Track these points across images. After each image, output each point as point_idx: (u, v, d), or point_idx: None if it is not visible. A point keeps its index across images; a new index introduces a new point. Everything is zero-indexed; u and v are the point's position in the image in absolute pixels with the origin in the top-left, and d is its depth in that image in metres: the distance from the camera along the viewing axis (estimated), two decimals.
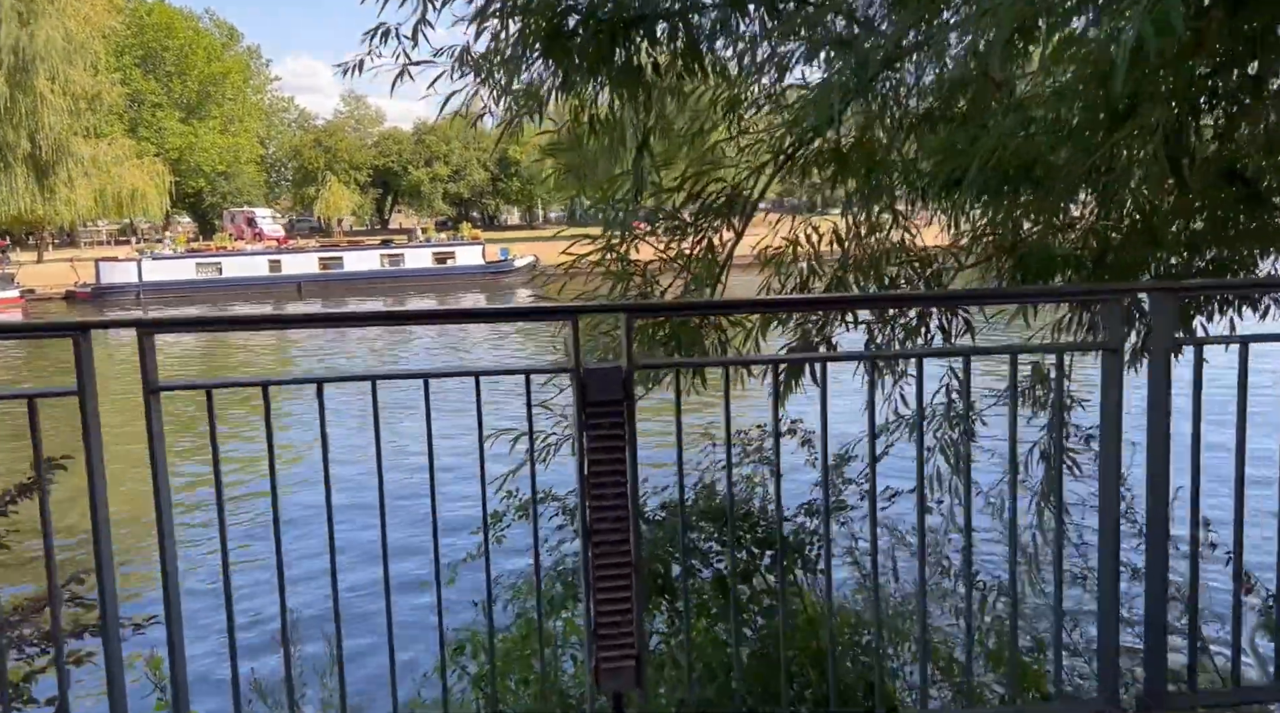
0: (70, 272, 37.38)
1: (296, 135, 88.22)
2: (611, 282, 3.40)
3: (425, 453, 2.28)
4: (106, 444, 2.06)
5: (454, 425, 6.14)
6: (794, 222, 3.60)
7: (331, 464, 2.31)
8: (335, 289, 35.78)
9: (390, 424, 2.61)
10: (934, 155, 3.39)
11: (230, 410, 14.74)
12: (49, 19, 38.72)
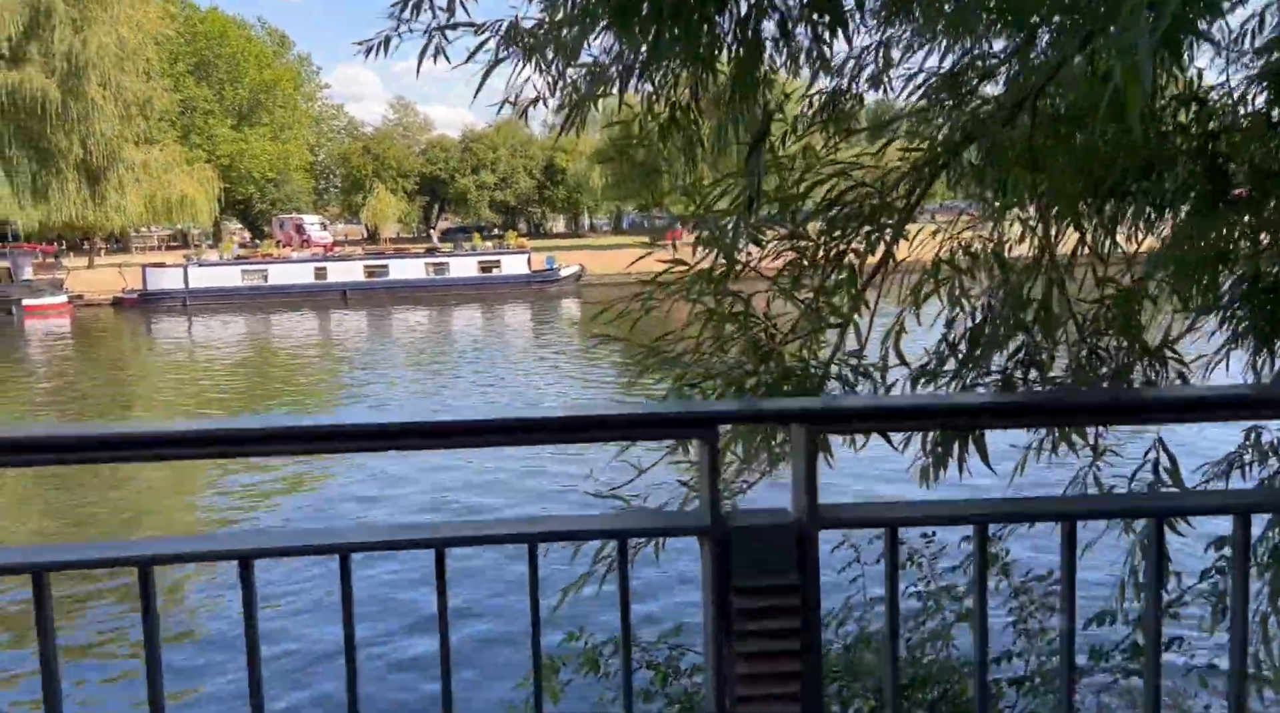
0: (119, 278, 37.40)
1: (345, 143, 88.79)
2: (711, 321, 2.49)
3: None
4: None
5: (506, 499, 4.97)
6: (945, 234, 2.69)
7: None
8: (380, 297, 35.37)
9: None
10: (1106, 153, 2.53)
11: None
12: (102, 25, 38.89)
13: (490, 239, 55.65)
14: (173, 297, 34.62)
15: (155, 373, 20.88)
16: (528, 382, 17.28)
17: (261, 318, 30.68)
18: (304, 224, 64.54)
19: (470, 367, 19.41)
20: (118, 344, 26.57)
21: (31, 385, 19.72)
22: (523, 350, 22.09)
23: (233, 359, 22.12)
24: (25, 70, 37.52)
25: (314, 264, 37.69)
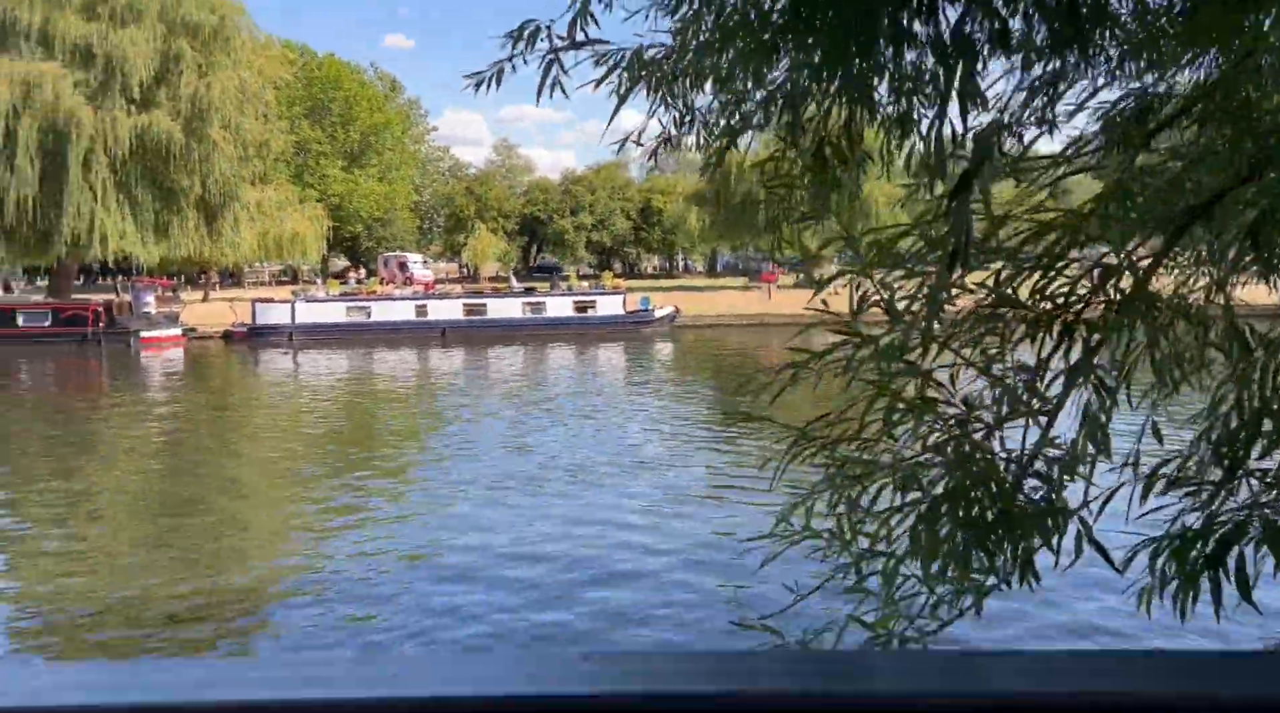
0: (230, 312, 38.79)
1: (449, 183, 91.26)
2: (879, 400, 2.05)
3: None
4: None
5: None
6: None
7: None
8: (478, 336, 35.75)
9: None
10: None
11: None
12: (225, 71, 40.81)
13: (586, 279, 56.03)
14: (280, 331, 35.66)
15: (260, 406, 21.32)
16: (620, 424, 16.97)
17: (364, 354, 31.28)
18: (407, 262, 66.24)
19: (562, 407, 19.22)
20: (226, 376, 27.37)
21: (145, 415, 20.32)
22: (615, 392, 21.83)
23: (334, 394, 22.46)
24: (154, 113, 39.54)
25: (415, 302, 38.42)
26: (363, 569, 8.81)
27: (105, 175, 38.97)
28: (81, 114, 37.72)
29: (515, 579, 8.29)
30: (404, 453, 14.59)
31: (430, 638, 7.14)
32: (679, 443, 15.06)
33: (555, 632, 7.06)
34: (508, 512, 10.77)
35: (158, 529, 10.68)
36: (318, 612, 7.80)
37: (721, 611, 7.12)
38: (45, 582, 8.92)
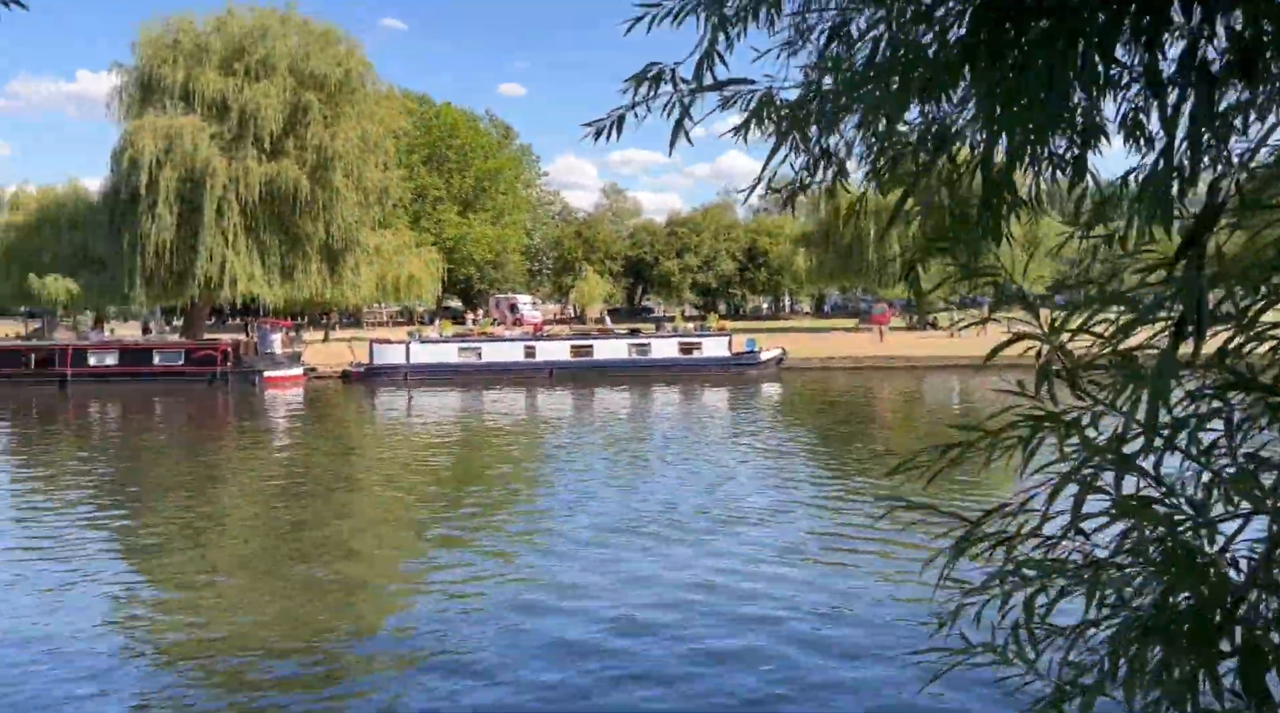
0: (349, 352, 40.08)
1: (559, 227, 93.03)
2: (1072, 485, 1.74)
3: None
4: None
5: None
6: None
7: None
8: (586, 377, 35.96)
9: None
10: None
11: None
12: (350, 121, 42.63)
13: (691, 320, 55.96)
14: (395, 371, 36.64)
15: (373, 446, 21.77)
16: (724, 469, 16.61)
17: (474, 394, 31.80)
18: (517, 303, 67.55)
19: (667, 450, 18.98)
20: (343, 416, 28.14)
21: (267, 452, 20.99)
22: (720, 436, 21.47)
23: (445, 435, 22.79)
24: (282, 162, 41.55)
25: (524, 343, 38.99)
26: (465, 628, 8.69)
27: (236, 221, 41.06)
28: (216, 164, 39.93)
29: (617, 651, 7.98)
30: (510, 499, 14.57)
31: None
32: (792, 496, 14.63)
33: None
34: (612, 570, 10.55)
35: (271, 569, 10.86)
36: (412, 671, 7.69)
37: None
38: (163, 615, 9.13)
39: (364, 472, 17.79)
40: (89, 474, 17.65)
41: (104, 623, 8.89)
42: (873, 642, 7.90)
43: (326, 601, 9.59)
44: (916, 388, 31.86)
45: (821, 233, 56.39)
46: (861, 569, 10.16)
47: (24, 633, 8.56)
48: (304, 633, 8.56)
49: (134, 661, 7.99)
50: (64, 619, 8.96)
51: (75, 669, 7.66)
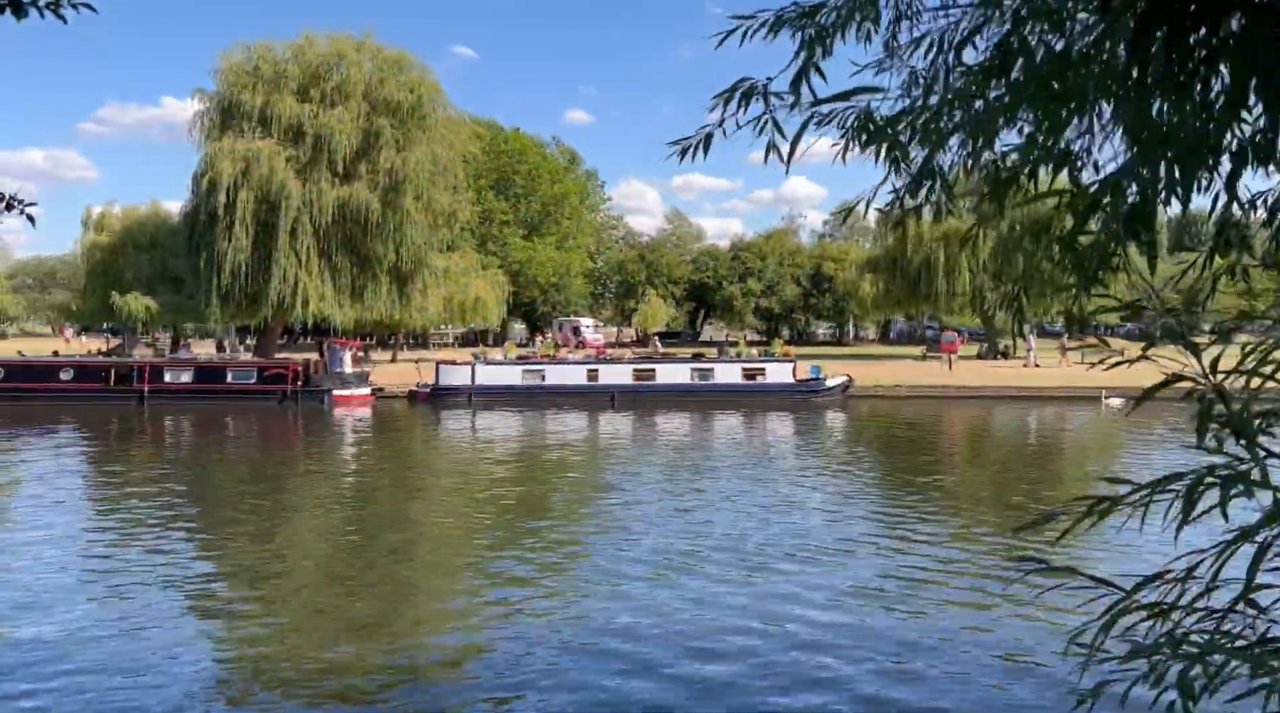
0: (415, 372, 40.54)
1: (622, 251, 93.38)
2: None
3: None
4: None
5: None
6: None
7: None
8: (647, 401, 35.79)
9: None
10: None
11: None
12: (421, 146, 43.36)
13: (755, 346, 55.49)
14: (459, 392, 36.93)
15: (438, 467, 21.87)
16: (787, 500, 16.26)
17: (537, 415, 31.85)
18: (580, 326, 67.83)
19: (728, 479, 18.69)
20: (409, 436, 28.38)
21: (334, 472, 21.22)
22: (785, 466, 21.09)
23: (508, 457, 22.80)
24: (354, 186, 42.41)
25: (587, 366, 38.97)
26: (519, 654, 8.53)
27: (309, 243, 41.96)
28: (292, 186, 40.90)
29: (680, 680, 7.76)
30: (568, 530, 14.38)
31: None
32: (862, 531, 14.24)
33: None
34: (671, 600, 10.32)
35: (331, 588, 10.86)
36: (468, 697, 7.55)
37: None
38: (220, 631, 9.15)
39: (426, 496, 17.84)
40: (161, 491, 18.00)
41: (169, 638, 8.95)
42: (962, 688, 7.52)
43: (382, 623, 9.53)
44: (988, 419, 31.04)
45: (889, 259, 55.57)
46: (943, 617, 9.76)
47: (93, 646, 8.65)
48: (359, 653, 8.51)
49: (197, 677, 8.01)
50: (128, 633, 9.05)
51: (138, 683, 7.69)
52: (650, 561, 11.73)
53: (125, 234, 48.34)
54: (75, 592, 10.48)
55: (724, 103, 3.11)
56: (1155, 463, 20.19)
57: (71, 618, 9.50)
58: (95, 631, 9.13)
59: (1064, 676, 7.12)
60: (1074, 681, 6.83)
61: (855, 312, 76.91)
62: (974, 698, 7.38)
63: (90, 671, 8.02)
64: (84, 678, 7.85)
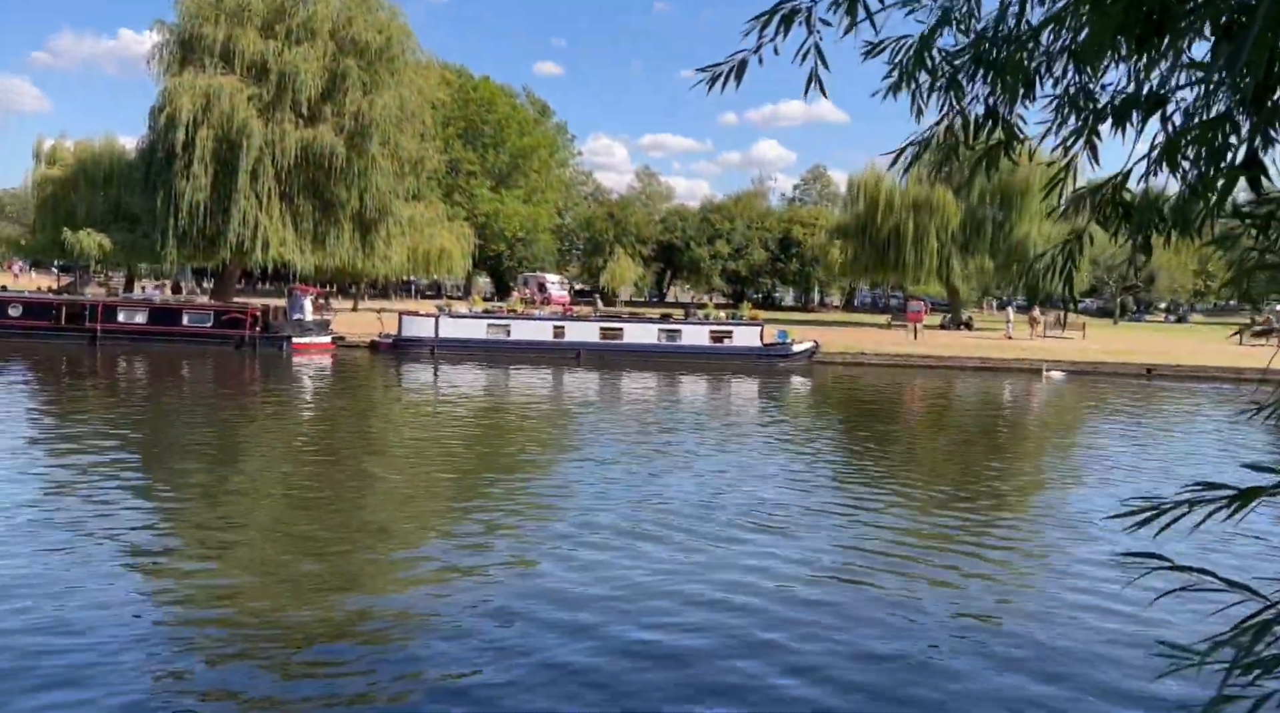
0: (377, 322, 39.83)
1: (591, 208, 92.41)
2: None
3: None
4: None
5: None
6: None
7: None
8: (613, 360, 35.50)
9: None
10: None
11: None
12: (388, 90, 42.21)
13: (724, 309, 55.30)
14: (423, 344, 36.34)
15: (399, 419, 21.43)
16: (751, 462, 16.11)
17: (501, 371, 31.42)
18: (546, 282, 67.15)
19: (693, 439, 18.50)
20: (370, 386, 27.84)
21: (292, 420, 20.70)
22: (750, 427, 20.96)
23: (470, 412, 22.42)
24: (319, 128, 41.25)
25: (553, 323, 38.53)
26: (473, 617, 8.26)
27: (271, 185, 40.83)
28: (254, 126, 39.66)
29: (611, 680, 7.54)
30: (525, 488, 14.01)
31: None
32: (839, 500, 14.13)
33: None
34: (632, 565, 10.11)
35: (285, 544, 10.50)
36: (423, 653, 7.29)
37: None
38: (168, 587, 8.78)
39: (385, 448, 17.44)
40: (113, 433, 17.41)
41: (120, 582, 8.56)
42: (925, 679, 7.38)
43: (336, 568, 9.22)
44: (951, 388, 31.17)
45: (859, 226, 55.47)
46: (909, 589, 9.64)
47: (42, 588, 8.24)
48: (312, 598, 8.21)
49: (148, 619, 7.64)
50: (79, 576, 8.64)
51: (89, 627, 7.32)
52: (611, 525, 11.46)
53: (79, 168, 46.67)
54: (9, 543, 9.99)
55: (760, 27, 2.76)
56: (1113, 434, 20.37)
57: (4, 571, 9.04)
58: (32, 585, 8.69)
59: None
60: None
61: (823, 277, 77.07)
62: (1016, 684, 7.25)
63: (23, 630, 7.60)
64: (16, 637, 7.43)
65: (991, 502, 13.89)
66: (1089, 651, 7.78)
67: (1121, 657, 7.66)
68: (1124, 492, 13.15)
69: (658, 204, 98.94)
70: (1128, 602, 8.64)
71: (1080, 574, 9.97)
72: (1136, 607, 8.42)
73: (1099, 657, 7.64)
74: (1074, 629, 8.36)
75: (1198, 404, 28.06)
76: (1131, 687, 7.13)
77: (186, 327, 36.46)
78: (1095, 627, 8.38)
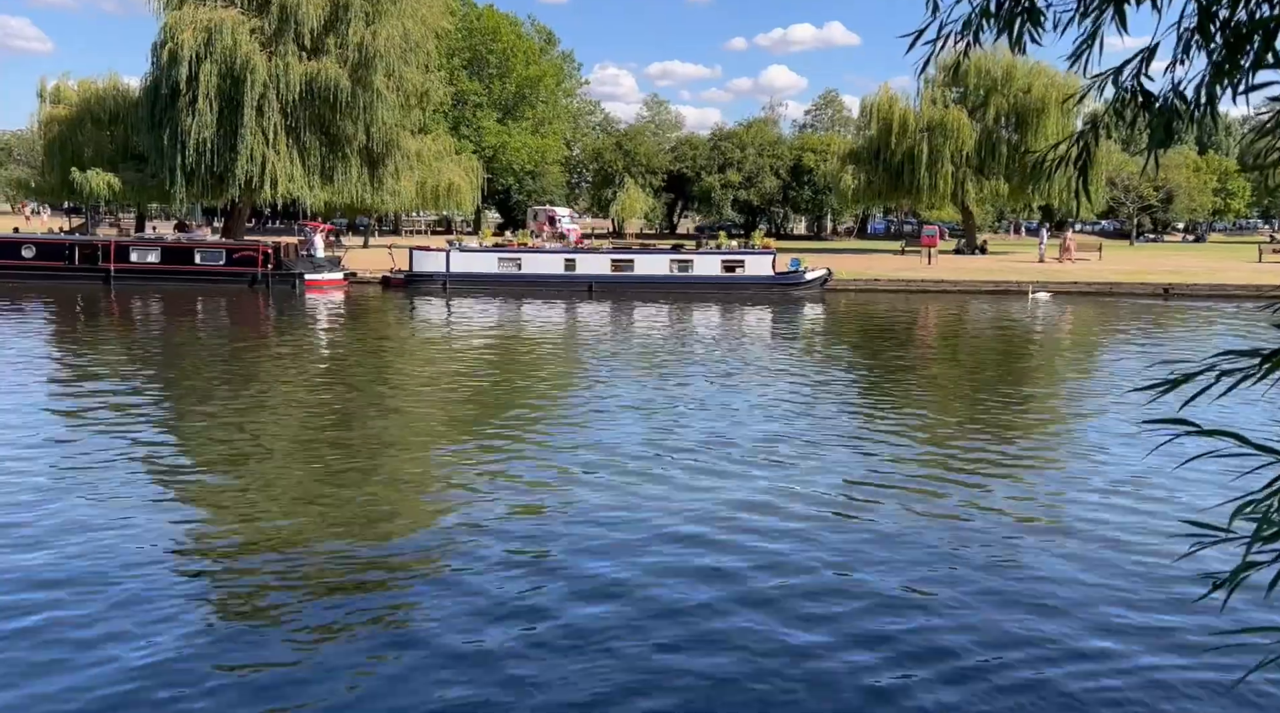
0: (388, 258, 39.76)
1: (599, 138, 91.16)
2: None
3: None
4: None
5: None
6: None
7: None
8: (625, 291, 35.40)
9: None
10: None
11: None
12: (391, 19, 41.41)
13: (736, 238, 54.85)
14: (434, 279, 36.29)
15: (412, 353, 21.54)
16: (763, 389, 16.16)
17: (513, 304, 31.43)
18: (556, 216, 66.62)
19: (707, 367, 18.54)
20: (383, 321, 27.94)
21: (306, 356, 20.84)
22: (762, 354, 20.98)
23: (483, 344, 22.50)
24: (322, 61, 40.64)
25: (564, 256, 38.35)
26: (469, 556, 8.37)
27: (276, 120, 40.39)
28: (256, 60, 39.10)
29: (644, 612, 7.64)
30: (537, 420, 14.01)
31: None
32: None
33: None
34: (645, 499, 10.22)
35: (304, 476, 10.66)
36: (436, 590, 7.38)
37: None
38: (190, 519, 8.95)
39: (399, 382, 17.56)
40: (132, 370, 17.58)
41: (140, 519, 8.73)
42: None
43: (353, 507, 9.37)
44: (966, 311, 31.02)
45: (871, 150, 54.61)
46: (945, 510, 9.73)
47: (63, 526, 8.42)
48: (328, 535, 8.35)
49: (168, 555, 7.82)
50: (100, 514, 8.81)
51: (112, 562, 7.49)
52: (629, 454, 11.55)
53: (84, 108, 46.26)
54: (38, 475, 10.17)
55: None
56: (1120, 354, 20.32)
57: (34, 508, 9.22)
58: (58, 517, 8.87)
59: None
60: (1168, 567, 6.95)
61: (835, 205, 76.15)
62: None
63: (54, 563, 7.78)
64: (48, 568, 7.61)
65: (1007, 417, 13.93)
66: (1115, 536, 7.88)
67: (1148, 538, 7.79)
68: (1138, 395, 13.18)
69: (667, 133, 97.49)
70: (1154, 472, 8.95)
71: (1103, 449, 10.19)
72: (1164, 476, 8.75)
73: (1125, 540, 7.73)
74: (1103, 511, 8.71)
75: (1213, 320, 27.87)
76: (1156, 565, 7.43)
77: (199, 265, 36.49)
78: (1124, 506, 8.80)
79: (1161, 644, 6.25)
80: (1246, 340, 6.63)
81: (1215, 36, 2.12)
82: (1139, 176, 71.50)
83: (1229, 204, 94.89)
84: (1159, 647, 6.22)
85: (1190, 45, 2.29)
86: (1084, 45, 2.32)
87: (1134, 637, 6.35)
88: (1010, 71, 51.19)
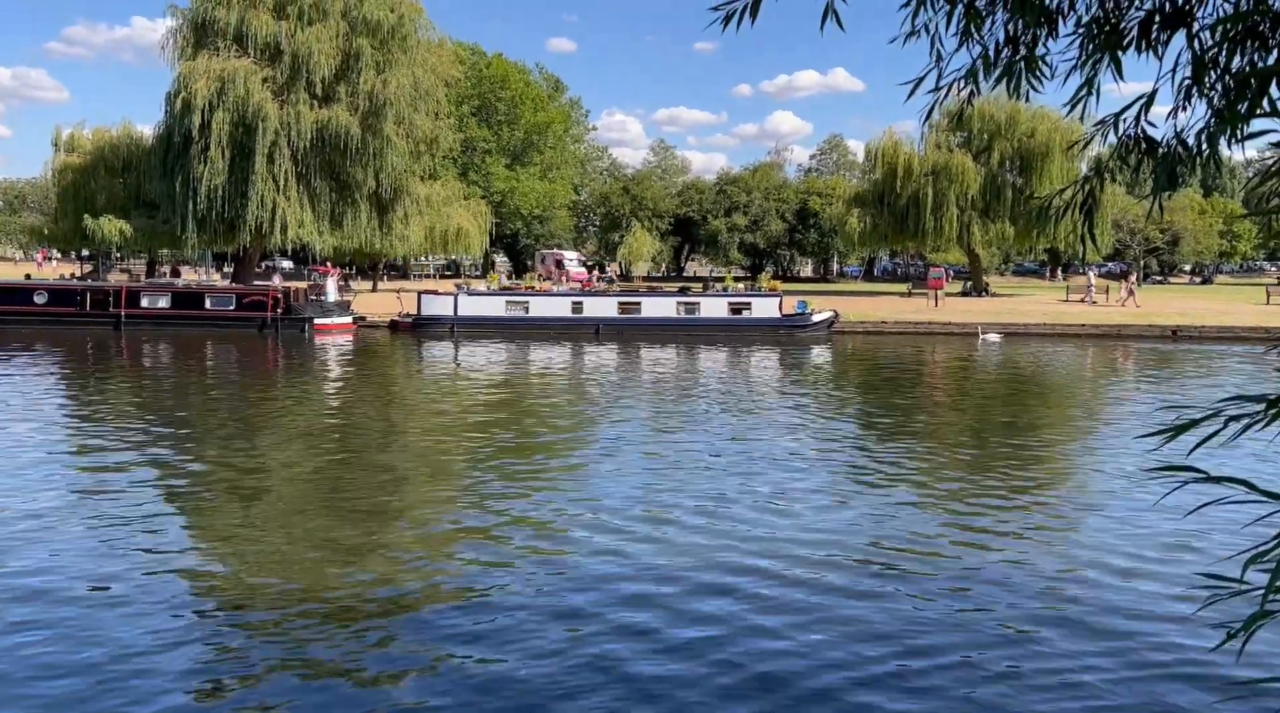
0: (397, 302, 39.99)
1: (607, 183, 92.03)
2: None
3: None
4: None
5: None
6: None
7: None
8: (631, 334, 35.48)
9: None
10: None
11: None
12: (401, 69, 42.11)
13: (742, 281, 55.07)
14: (442, 322, 36.46)
15: (421, 397, 21.54)
16: (770, 435, 16.09)
17: (521, 347, 31.49)
18: (564, 259, 67.04)
19: (713, 413, 18.49)
20: (391, 365, 27.99)
21: (316, 400, 20.85)
22: (768, 398, 20.92)
23: (491, 388, 22.50)
24: (334, 108, 41.26)
25: (571, 299, 38.52)
26: (491, 597, 8.31)
27: (287, 167, 40.92)
28: (268, 108, 39.72)
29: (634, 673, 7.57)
30: (547, 467, 13.91)
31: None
32: (855, 470, 14.12)
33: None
34: (651, 547, 10.15)
35: (314, 515, 10.61)
36: (434, 637, 7.33)
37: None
38: (202, 557, 8.89)
39: (407, 427, 17.53)
40: (142, 414, 17.61)
41: (145, 565, 8.67)
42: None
43: (359, 553, 9.30)
44: (974, 354, 30.96)
45: (876, 193, 54.96)
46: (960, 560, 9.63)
47: (67, 571, 8.37)
48: (334, 583, 8.28)
49: (171, 603, 7.76)
50: (103, 560, 8.77)
51: (114, 609, 7.44)
52: (636, 499, 11.49)
53: (97, 156, 46.95)
54: (49, 516, 10.15)
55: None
56: (1128, 395, 20.20)
57: (46, 544, 9.19)
58: (70, 558, 8.83)
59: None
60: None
61: (841, 247, 76.51)
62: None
63: (67, 601, 7.74)
64: (62, 608, 7.57)
65: (1016, 462, 13.83)
66: (1127, 583, 7.77)
67: (1159, 586, 7.67)
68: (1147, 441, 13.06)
69: (674, 178, 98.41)
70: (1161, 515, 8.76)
71: (1114, 491, 10.06)
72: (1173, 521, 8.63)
73: (1135, 587, 7.62)
74: (1109, 556, 8.54)
75: (1225, 365, 27.76)
76: (1170, 610, 7.32)
77: (209, 310, 36.73)
78: (1131, 553, 8.64)
79: (1177, 691, 6.14)
80: (1255, 382, 6.42)
81: (1216, 84, 2.13)
82: (1144, 219, 71.76)
83: (1235, 247, 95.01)
84: (1176, 692, 6.11)
85: (1190, 93, 2.30)
86: (1082, 93, 2.34)
87: (1151, 682, 6.24)
88: (1014, 116, 51.62)
